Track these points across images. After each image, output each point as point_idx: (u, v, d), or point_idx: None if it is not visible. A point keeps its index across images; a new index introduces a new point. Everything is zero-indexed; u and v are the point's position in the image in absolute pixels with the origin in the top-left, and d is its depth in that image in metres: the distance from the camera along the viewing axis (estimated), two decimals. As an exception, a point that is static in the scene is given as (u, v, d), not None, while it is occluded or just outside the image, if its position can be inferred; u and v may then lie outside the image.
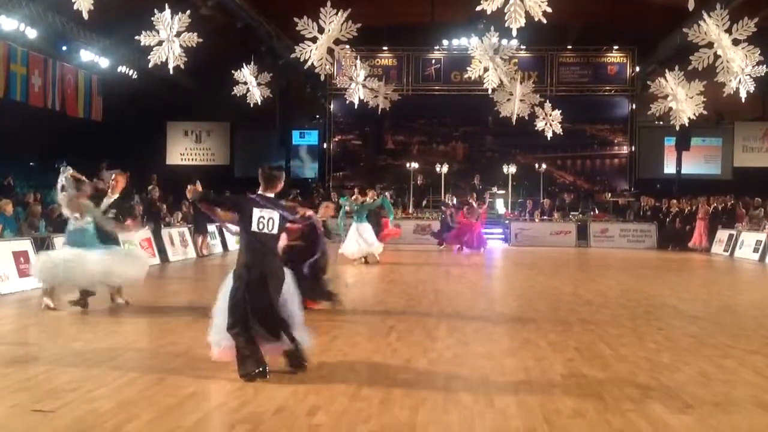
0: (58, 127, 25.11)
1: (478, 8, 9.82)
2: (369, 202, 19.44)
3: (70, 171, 10.62)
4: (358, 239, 18.42)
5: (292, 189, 22.15)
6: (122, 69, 26.05)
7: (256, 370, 6.53)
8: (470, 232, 23.44)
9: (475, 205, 24.19)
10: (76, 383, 6.39)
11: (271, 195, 6.98)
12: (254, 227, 6.77)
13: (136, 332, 8.83)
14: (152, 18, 12.08)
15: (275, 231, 6.86)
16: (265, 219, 6.79)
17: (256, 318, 6.67)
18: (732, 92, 11.52)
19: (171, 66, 12.21)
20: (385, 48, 32.24)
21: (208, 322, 9.65)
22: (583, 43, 31.69)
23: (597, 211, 29.53)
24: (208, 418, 5.50)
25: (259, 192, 6.95)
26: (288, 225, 7.32)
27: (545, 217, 28.85)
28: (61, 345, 8.06)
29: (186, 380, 6.57)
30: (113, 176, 11.29)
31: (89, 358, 7.43)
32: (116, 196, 11.34)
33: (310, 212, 7.35)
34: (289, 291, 7.03)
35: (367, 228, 18.64)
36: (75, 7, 9.96)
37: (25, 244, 13.34)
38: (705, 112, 13.44)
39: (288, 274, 7.07)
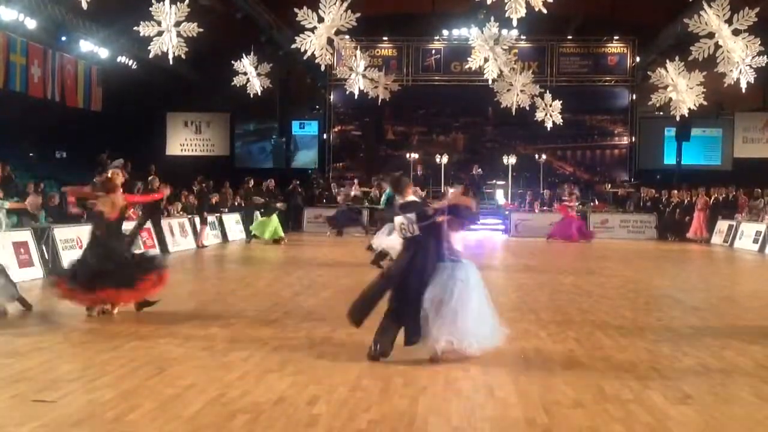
0: (57, 117, 25.10)
1: (479, -2, 9.82)
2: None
3: None
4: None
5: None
6: (122, 59, 26.02)
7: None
8: (571, 225, 24.96)
9: (566, 199, 25.67)
10: (76, 373, 6.41)
11: (409, 199, 7.34)
12: (400, 233, 7.27)
13: (136, 322, 8.83)
14: (150, 9, 12.07)
15: (416, 233, 7.10)
16: (406, 224, 7.14)
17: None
18: (732, 82, 11.52)
19: (171, 56, 12.20)
20: (385, 38, 32.13)
21: (208, 312, 9.71)
22: (584, 34, 31.58)
23: (597, 202, 29.52)
24: (208, 409, 5.51)
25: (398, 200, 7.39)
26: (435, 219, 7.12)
27: (545, 208, 28.85)
28: (62, 335, 8.07)
29: (186, 371, 6.58)
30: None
31: (90, 348, 7.45)
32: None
33: (442, 202, 7.30)
34: (449, 287, 6.96)
35: None
36: (74, -3, 9.94)
37: (25, 235, 13.34)
38: (705, 103, 13.45)
39: (458, 268, 7.08)
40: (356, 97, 17.44)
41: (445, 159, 29.40)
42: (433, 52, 32.47)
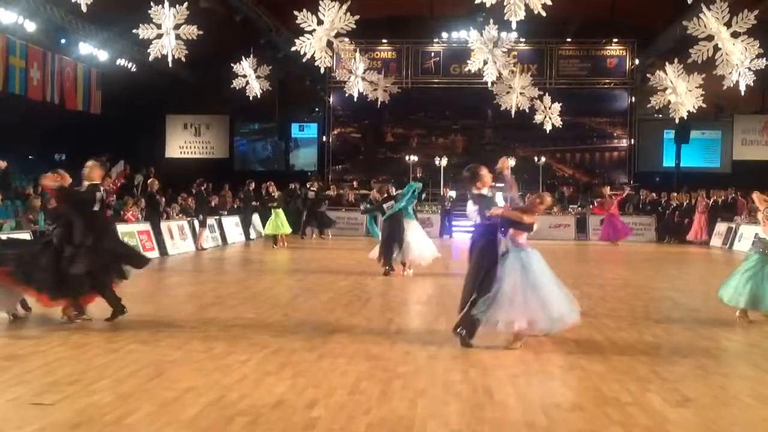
0: (57, 120, 25.11)
1: (478, 1, 9.81)
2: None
3: None
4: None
5: None
6: (121, 62, 26.02)
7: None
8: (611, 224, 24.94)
9: (608, 196, 25.65)
10: (75, 376, 6.40)
11: (482, 192, 8.15)
12: (469, 215, 8.32)
13: (135, 325, 8.82)
14: (149, 11, 12.07)
15: (477, 220, 8.07)
16: (472, 214, 8.16)
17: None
18: (732, 85, 11.52)
19: (170, 59, 12.21)
20: (384, 41, 32.14)
21: (207, 314, 9.70)
22: (583, 36, 31.60)
23: (596, 204, 29.48)
24: (207, 411, 5.50)
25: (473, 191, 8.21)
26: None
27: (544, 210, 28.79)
28: (60, 338, 8.06)
29: (185, 373, 6.58)
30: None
31: (88, 351, 7.43)
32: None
33: (498, 211, 8.06)
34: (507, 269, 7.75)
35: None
36: (74, 0, 9.93)
37: (24, 237, 13.31)
38: (704, 105, 13.45)
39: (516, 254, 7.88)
40: (355, 99, 17.44)
41: (444, 161, 29.37)
42: (432, 54, 32.49)
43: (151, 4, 12.14)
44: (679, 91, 13.12)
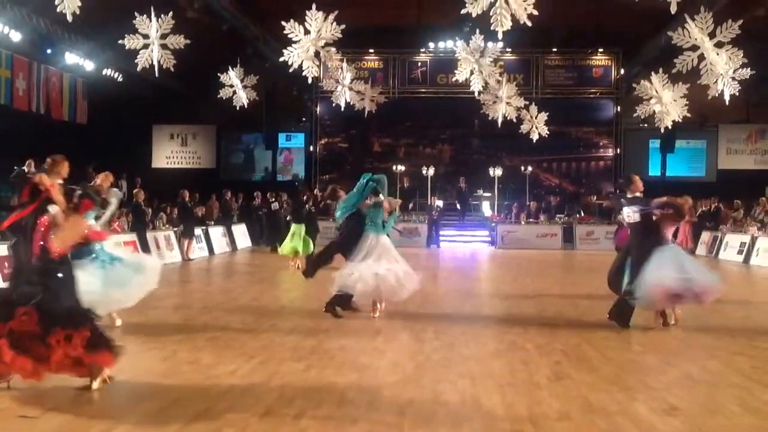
0: (42, 130, 24.97)
1: (464, 11, 9.84)
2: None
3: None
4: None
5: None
6: (108, 72, 25.94)
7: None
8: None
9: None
10: (61, 388, 6.35)
11: (633, 195, 10.07)
12: (626, 220, 10.27)
13: (120, 336, 8.76)
14: (134, 21, 12.06)
15: (637, 219, 9.90)
16: (631, 213, 9.95)
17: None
18: (716, 95, 11.60)
19: (157, 69, 12.19)
20: (371, 50, 32.22)
21: (194, 325, 9.66)
22: (569, 46, 31.75)
23: (583, 214, 29.58)
24: (194, 423, 5.47)
25: (628, 195, 10.13)
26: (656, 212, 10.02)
27: (531, 220, 28.93)
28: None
29: (171, 384, 6.55)
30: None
31: (74, 363, 7.38)
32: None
33: (663, 199, 10.20)
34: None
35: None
36: (59, 10, 9.90)
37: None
38: (689, 115, 13.53)
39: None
40: (343, 109, 17.46)
41: (431, 171, 29.43)
42: (419, 64, 32.58)
43: (135, 14, 12.12)
44: (665, 101, 13.21)
